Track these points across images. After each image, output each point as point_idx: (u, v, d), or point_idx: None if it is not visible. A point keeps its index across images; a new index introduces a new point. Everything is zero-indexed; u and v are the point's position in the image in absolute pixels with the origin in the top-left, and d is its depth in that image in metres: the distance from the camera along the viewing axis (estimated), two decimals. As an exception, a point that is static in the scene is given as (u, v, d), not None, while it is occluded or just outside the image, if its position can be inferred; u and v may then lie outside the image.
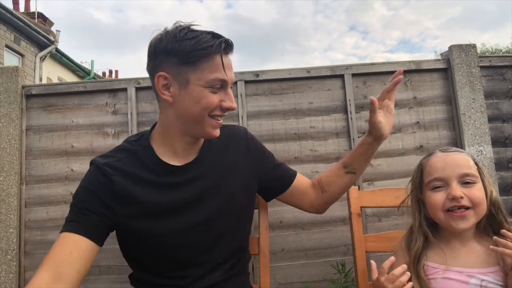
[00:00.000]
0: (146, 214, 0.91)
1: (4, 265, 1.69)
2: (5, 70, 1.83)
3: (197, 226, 0.94)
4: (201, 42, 0.84)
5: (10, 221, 1.73)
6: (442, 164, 0.89)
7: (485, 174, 0.89)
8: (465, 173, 0.86)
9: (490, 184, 0.89)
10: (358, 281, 1.24)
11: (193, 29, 0.88)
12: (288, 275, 1.76)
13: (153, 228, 0.91)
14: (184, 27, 0.88)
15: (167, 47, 0.86)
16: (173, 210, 0.92)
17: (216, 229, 0.96)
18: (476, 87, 1.86)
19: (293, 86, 1.89)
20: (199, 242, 0.95)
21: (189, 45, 0.84)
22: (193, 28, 0.89)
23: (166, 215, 0.92)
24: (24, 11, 10.41)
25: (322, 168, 1.83)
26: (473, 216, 0.86)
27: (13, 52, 8.81)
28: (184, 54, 0.85)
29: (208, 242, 0.96)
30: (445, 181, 0.88)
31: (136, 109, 1.85)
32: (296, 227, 1.79)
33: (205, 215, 0.94)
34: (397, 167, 1.85)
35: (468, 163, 0.88)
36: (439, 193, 0.88)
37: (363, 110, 1.89)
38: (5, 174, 1.76)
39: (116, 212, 0.90)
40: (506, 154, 1.88)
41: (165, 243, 0.93)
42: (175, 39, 0.85)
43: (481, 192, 0.86)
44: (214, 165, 0.98)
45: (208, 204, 0.95)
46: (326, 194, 1.11)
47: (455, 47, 1.89)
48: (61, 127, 1.85)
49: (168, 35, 0.87)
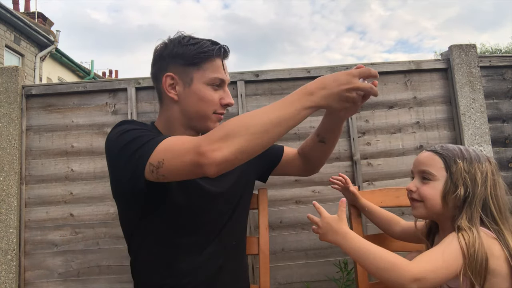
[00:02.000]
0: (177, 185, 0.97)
1: (4, 265, 1.70)
2: (5, 70, 1.83)
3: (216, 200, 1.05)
4: (203, 47, 0.98)
5: (10, 221, 1.73)
6: (415, 160, 0.99)
7: (464, 173, 0.89)
8: (422, 170, 0.94)
9: (467, 183, 0.88)
10: (358, 281, 1.25)
11: (194, 37, 1.02)
12: (288, 275, 1.76)
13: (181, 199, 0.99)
14: (186, 36, 1.01)
15: (173, 51, 0.99)
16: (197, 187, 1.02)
17: (225, 218, 1.07)
18: (476, 87, 1.86)
19: (293, 86, 1.89)
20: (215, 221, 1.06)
21: (193, 49, 0.97)
22: (194, 36, 1.02)
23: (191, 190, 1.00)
24: (24, 11, 10.41)
25: (322, 168, 1.83)
26: (422, 208, 0.94)
27: (13, 52, 8.80)
28: (189, 56, 0.97)
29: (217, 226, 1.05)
30: (413, 175, 0.99)
31: (136, 109, 1.85)
32: (296, 227, 1.79)
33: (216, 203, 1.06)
34: (397, 167, 1.85)
35: (429, 162, 0.93)
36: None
37: (363, 110, 1.89)
38: (5, 174, 1.76)
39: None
40: (506, 154, 1.88)
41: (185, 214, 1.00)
42: (180, 44, 0.99)
43: (433, 190, 0.91)
44: None
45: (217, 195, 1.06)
46: (311, 161, 1.25)
47: (455, 47, 1.89)
48: (61, 127, 1.85)
49: (173, 41, 1.01)
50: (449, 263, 0.81)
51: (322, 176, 1.83)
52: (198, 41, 0.99)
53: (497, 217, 0.87)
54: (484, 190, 0.88)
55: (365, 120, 1.88)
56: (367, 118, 1.89)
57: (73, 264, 1.75)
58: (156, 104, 1.87)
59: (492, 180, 0.90)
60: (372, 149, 1.86)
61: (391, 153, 1.87)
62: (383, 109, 1.90)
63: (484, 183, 0.88)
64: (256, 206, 1.35)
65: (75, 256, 1.75)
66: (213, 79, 0.99)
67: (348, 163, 1.84)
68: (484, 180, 0.89)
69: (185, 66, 0.98)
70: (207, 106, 1.00)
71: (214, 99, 1.00)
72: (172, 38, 1.02)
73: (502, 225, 0.86)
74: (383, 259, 0.83)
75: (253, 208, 1.32)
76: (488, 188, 0.88)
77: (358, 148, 1.84)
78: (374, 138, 1.87)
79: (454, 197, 0.88)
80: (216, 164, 0.75)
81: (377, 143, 1.87)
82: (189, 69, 0.98)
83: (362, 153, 1.85)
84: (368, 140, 1.87)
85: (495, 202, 0.88)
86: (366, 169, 1.85)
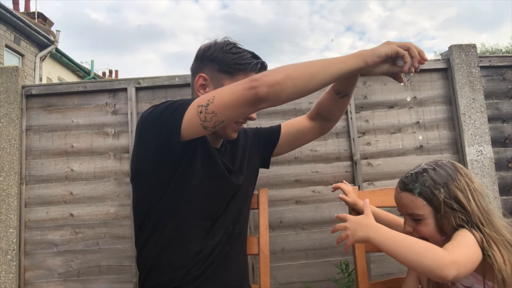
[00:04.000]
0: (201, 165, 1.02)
1: (4, 265, 1.70)
2: (5, 70, 1.83)
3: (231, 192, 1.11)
4: (242, 58, 1.02)
5: (10, 221, 1.73)
6: (396, 201, 0.99)
7: (447, 199, 0.88)
8: (409, 213, 0.93)
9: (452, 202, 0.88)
10: (358, 281, 1.25)
11: (238, 46, 1.06)
12: (288, 275, 1.76)
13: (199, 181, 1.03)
14: (230, 43, 1.06)
15: (213, 55, 1.03)
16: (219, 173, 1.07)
17: (239, 203, 1.13)
18: (476, 87, 1.86)
19: (293, 86, 1.89)
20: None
21: (231, 58, 1.02)
22: (238, 45, 1.06)
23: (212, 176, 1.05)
24: (24, 11, 10.40)
25: (322, 168, 1.84)
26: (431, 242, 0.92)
27: (13, 52, 8.80)
28: (225, 64, 1.02)
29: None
30: (401, 213, 0.99)
31: (136, 109, 1.85)
32: (296, 227, 1.79)
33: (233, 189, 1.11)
34: (397, 167, 1.85)
35: (411, 204, 0.92)
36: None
37: (363, 110, 1.89)
38: (5, 174, 1.76)
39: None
40: (506, 154, 1.88)
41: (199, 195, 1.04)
42: (221, 50, 1.03)
43: (428, 227, 0.90)
44: (235, 151, 1.16)
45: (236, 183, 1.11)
46: (330, 121, 1.24)
47: (455, 47, 1.89)
48: (61, 127, 1.85)
49: (216, 45, 1.05)
50: (474, 252, 0.81)
51: (322, 176, 1.83)
52: (239, 51, 1.03)
53: (484, 223, 0.86)
54: (475, 204, 0.87)
55: (365, 120, 1.88)
56: (367, 118, 1.89)
57: (73, 264, 1.75)
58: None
59: (470, 191, 0.88)
60: (372, 149, 1.86)
61: (391, 153, 1.87)
62: (383, 109, 1.90)
63: (469, 199, 0.87)
64: (256, 206, 1.35)
65: (75, 256, 1.75)
66: None
67: (348, 163, 1.84)
68: (467, 196, 0.88)
69: (220, 72, 1.02)
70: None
71: None
72: (218, 42, 1.06)
73: (489, 230, 0.85)
74: (419, 243, 0.81)
75: (253, 208, 1.32)
76: (472, 201, 0.87)
77: (358, 148, 1.84)
78: (374, 138, 1.87)
79: (450, 226, 0.88)
80: (267, 85, 0.84)
81: (377, 143, 1.87)
82: (222, 75, 1.02)
83: (362, 153, 1.85)
84: (368, 140, 1.87)
85: (481, 211, 0.87)
86: (366, 169, 1.84)
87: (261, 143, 1.26)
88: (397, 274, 1.71)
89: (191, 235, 1.02)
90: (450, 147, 1.87)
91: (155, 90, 1.88)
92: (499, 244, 0.84)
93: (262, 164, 1.31)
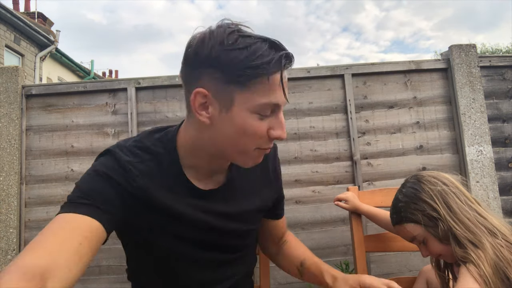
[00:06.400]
0: (172, 228, 0.79)
1: (4, 265, 1.69)
2: (5, 70, 1.83)
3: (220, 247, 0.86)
4: (255, 56, 0.63)
5: (10, 221, 1.73)
6: (398, 234, 0.99)
7: (444, 215, 0.86)
8: (411, 239, 0.94)
9: (456, 217, 0.86)
10: (358, 281, 1.24)
11: (245, 33, 0.67)
12: (288, 275, 1.75)
13: (173, 246, 0.80)
14: (234, 30, 0.66)
15: (211, 55, 0.65)
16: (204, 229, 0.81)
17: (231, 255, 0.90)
18: (476, 87, 1.86)
19: (293, 86, 1.89)
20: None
21: (240, 59, 0.64)
22: (245, 31, 0.67)
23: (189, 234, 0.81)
24: (24, 11, 10.40)
25: (322, 168, 1.84)
26: (447, 258, 0.92)
27: (13, 52, 8.80)
28: (232, 69, 0.64)
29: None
30: (408, 240, 0.97)
31: (136, 109, 1.85)
32: (296, 227, 1.79)
33: (227, 239, 0.86)
34: (397, 167, 1.85)
35: (407, 234, 0.93)
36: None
37: (363, 110, 1.89)
38: (5, 174, 1.76)
39: (134, 217, 0.76)
40: (506, 154, 1.88)
41: (181, 263, 0.82)
42: (222, 47, 0.65)
43: (433, 245, 0.90)
44: (243, 189, 0.87)
45: (230, 229, 0.85)
46: (272, 258, 1.10)
47: (455, 47, 1.89)
48: (61, 127, 1.85)
49: (213, 38, 0.66)
50: None
51: (322, 176, 1.83)
52: (250, 43, 0.64)
53: (455, 226, 0.85)
54: (441, 207, 0.87)
55: (365, 120, 1.88)
56: (367, 118, 1.89)
57: (73, 264, 1.75)
58: (156, 104, 1.87)
59: (435, 195, 0.88)
60: (372, 149, 1.86)
61: (391, 153, 1.86)
62: (383, 109, 1.90)
63: (436, 203, 0.87)
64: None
65: (75, 256, 1.75)
66: (264, 105, 0.67)
67: (348, 163, 1.84)
68: (434, 200, 0.87)
69: (225, 83, 0.66)
70: (249, 140, 0.70)
71: (260, 131, 0.69)
72: (214, 30, 0.67)
73: (461, 230, 0.84)
74: None
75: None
76: (439, 205, 0.87)
77: (358, 148, 1.84)
78: (374, 138, 1.87)
79: (444, 234, 0.87)
80: None
81: (377, 143, 1.87)
82: (229, 87, 0.66)
83: (362, 153, 1.85)
84: (368, 140, 1.87)
85: (449, 212, 0.86)
86: (366, 169, 1.84)
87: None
88: (397, 274, 1.72)
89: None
90: (450, 147, 1.87)
91: (155, 90, 1.88)
92: (476, 244, 0.82)
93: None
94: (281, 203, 1.02)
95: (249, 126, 0.68)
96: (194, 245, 0.81)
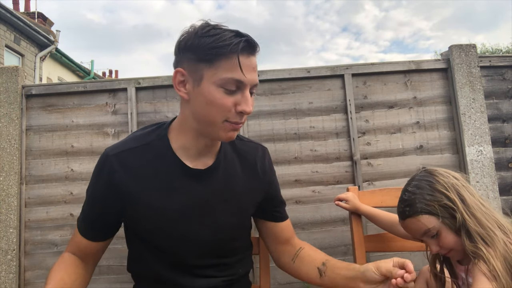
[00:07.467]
0: (148, 217, 0.90)
1: (4, 265, 1.69)
2: (5, 70, 1.83)
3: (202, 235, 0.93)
4: (220, 40, 0.80)
5: (10, 221, 1.73)
6: (407, 231, 0.97)
7: (459, 206, 0.87)
8: (424, 233, 0.91)
9: (470, 209, 0.86)
10: (358, 281, 1.24)
11: (217, 27, 0.83)
12: (288, 275, 1.75)
13: (153, 230, 0.91)
14: (208, 25, 0.83)
15: (188, 43, 0.84)
16: (178, 215, 0.90)
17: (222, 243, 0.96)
18: (476, 87, 1.86)
19: (293, 86, 1.89)
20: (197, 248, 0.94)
21: (208, 42, 0.80)
22: (219, 26, 0.84)
23: (169, 220, 0.90)
24: (24, 11, 10.40)
25: (322, 168, 1.84)
26: (456, 253, 0.91)
27: (13, 52, 8.80)
28: (201, 50, 0.81)
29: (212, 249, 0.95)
30: (418, 239, 0.96)
31: (136, 109, 1.85)
32: (296, 227, 1.79)
33: (212, 228, 0.93)
34: (397, 167, 1.85)
35: (419, 224, 0.91)
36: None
37: (363, 110, 1.89)
38: (5, 174, 1.76)
39: (121, 209, 0.91)
40: (506, 154, 1.88)
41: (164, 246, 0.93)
42: (196, 36, 0.82)
43: (447, 237, 0.89)
44: (228, 179, 0.95)
45: (217, 217, 0.93)
46: (279, 263, 1.13)
47: (455, 47, 1.89)
48: (61, 127, 1.85)
49: (192, 30, 0.84)
50: None
51: (322, 176, 1.83)
52: (218, 32, 0.81)
53: (469, 219, 0.85)
54: (459, 201, 0.87)
55: (365, 120, 1.88)
56: (367, 118, 1.89)
57: (73, 264, 1.75)
58: (156, 104, 1.88)
59: (449, 187, 0.88)
60: (372, 149, 1.86)
61: (391, 153, 1.86)
62: (383, 109, 1.90)
63: (452, 194, 0.87)
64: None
65: (75, 256, 1.75)
66: (226, 80, 0.81)
67: (348, 163, 1.84)
68: (450, 190, 0.88)
69: (197, 62, 0.82)
70: (216, 111, 0.82)
71: (226, 104, 0.82)
72: (195, 25, 0.85)
73: (474, 226, 0.84)
74: None
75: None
76: (454, 195, 0.87)
77: (358, 148, 1.84)
78: (374, 138, 1.87)
79: (460, 225, 0.86)
80: None
81: (377, 143, 1.87)
82: (200, 65, 0.82)
83: (362, 153, 1.85)
84: (368, 140, 1.87)
85: (467, 210, 0.86)
86: (366, 169, 1.84)
87: (265, 204, 1.06)
88: (397, 274, 1.72)
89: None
90: (450, 147, 1.87)
91: (155, 90, 1.88)
92: (486, 240, 0.83)
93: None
94: (277, 206, 1.09)
95: (216, 98, 0.82)
96: (182, 217, 0.91)
